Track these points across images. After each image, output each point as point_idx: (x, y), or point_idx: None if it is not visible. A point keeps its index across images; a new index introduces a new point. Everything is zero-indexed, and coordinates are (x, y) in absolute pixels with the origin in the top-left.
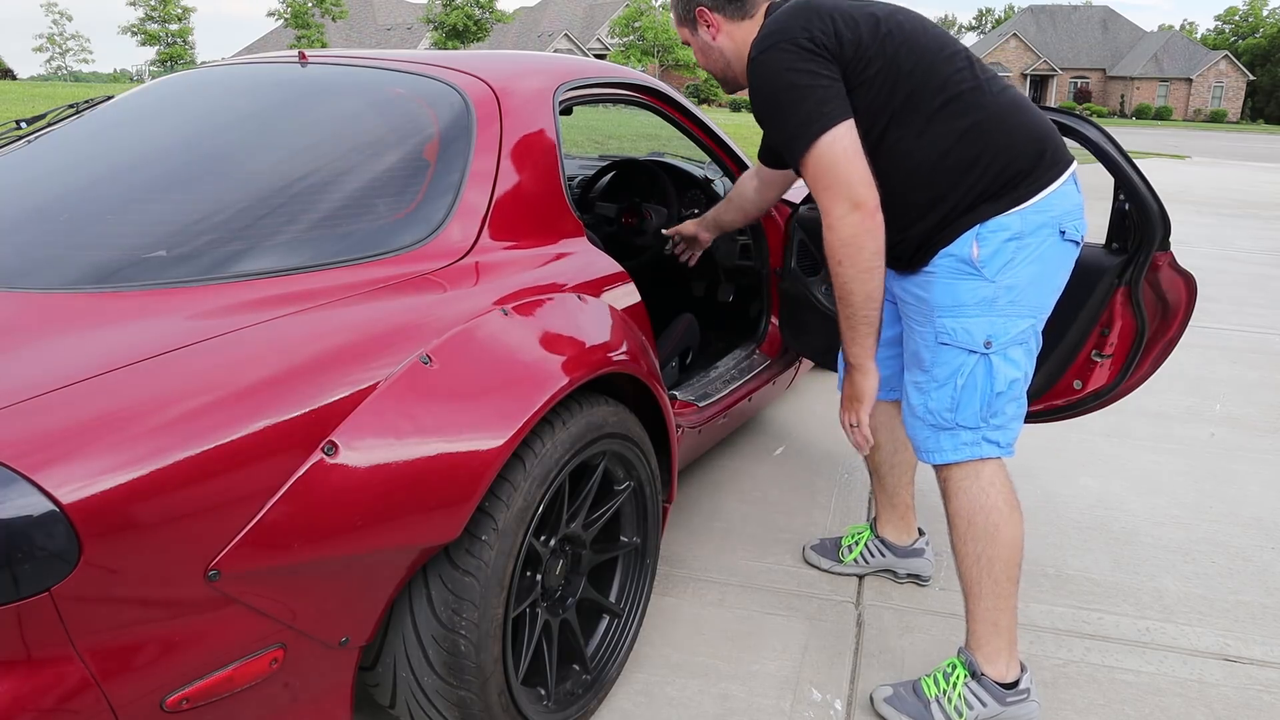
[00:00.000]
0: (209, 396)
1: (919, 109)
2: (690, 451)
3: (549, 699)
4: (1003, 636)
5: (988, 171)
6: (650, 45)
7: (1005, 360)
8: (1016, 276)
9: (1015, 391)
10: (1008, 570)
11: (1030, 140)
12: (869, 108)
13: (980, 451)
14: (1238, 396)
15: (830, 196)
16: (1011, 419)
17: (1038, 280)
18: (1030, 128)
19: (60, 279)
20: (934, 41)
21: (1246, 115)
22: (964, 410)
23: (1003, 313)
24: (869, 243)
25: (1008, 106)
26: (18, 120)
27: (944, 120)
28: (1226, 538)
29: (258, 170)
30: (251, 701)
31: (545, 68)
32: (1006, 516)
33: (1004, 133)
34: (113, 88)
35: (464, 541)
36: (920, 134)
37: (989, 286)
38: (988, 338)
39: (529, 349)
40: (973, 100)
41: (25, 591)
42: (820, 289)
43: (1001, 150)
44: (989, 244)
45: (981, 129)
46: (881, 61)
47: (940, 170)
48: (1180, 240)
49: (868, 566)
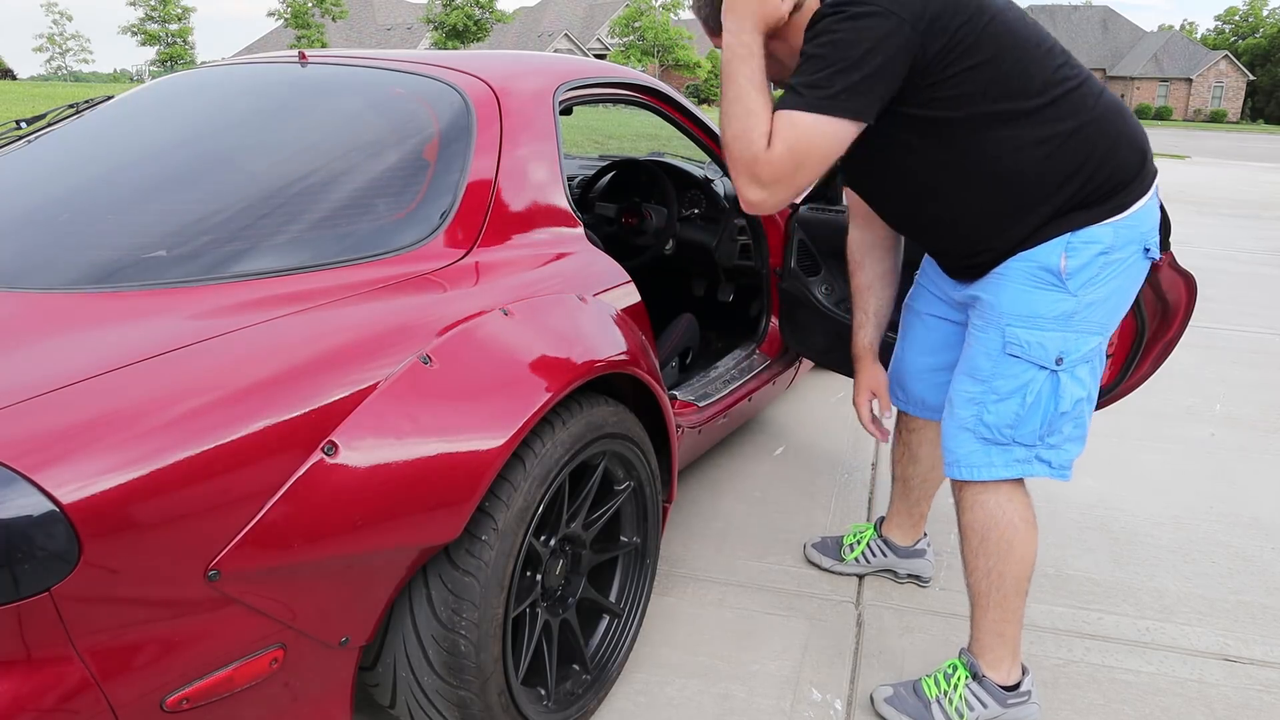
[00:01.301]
0: (209, 396)
1: (1019, 109)
2: (690, 451)
3: (549, 699)
4: (1007, 645)
5: (1091, 180)
6: (650, 45)
7: (1073, 379)
8: (1098, 293)
9: (1078, 411)
10: (1018, 585)
11: (1134, 148)
12: (960, 105)
13: (1030, 470)
14: (1238, 396)
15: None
16: (1068, 439)
17: (1115, 297)
18: (1133, 134)
19: (60, 279)
20: (1033, 35)
21: (1246, 115)
22: (1024, 427)
23: (1077, 329)
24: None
25: (1112, 110)
26: (18, 120)
27: (1046, 123)
28: (1226, 538)
29: (258, 170)
30: (251, 701)
31: (545, 68)
32: (1022, 534)
33: (1109, 138)
34: (113, 88)
35: (464, 541)
36: (1019, 136)
37: (1070, 300)
38: (1060, 354)
39: (529, 349)
40: (1078, 102)
41: (25, 591)
42: (820, 289)
43: (1106, 158)
44: (1078, 256)
45: (1085, 133)
46: (981, 56)
47: (1039, 176)
48: (1180, 240)
49: (869, 566)
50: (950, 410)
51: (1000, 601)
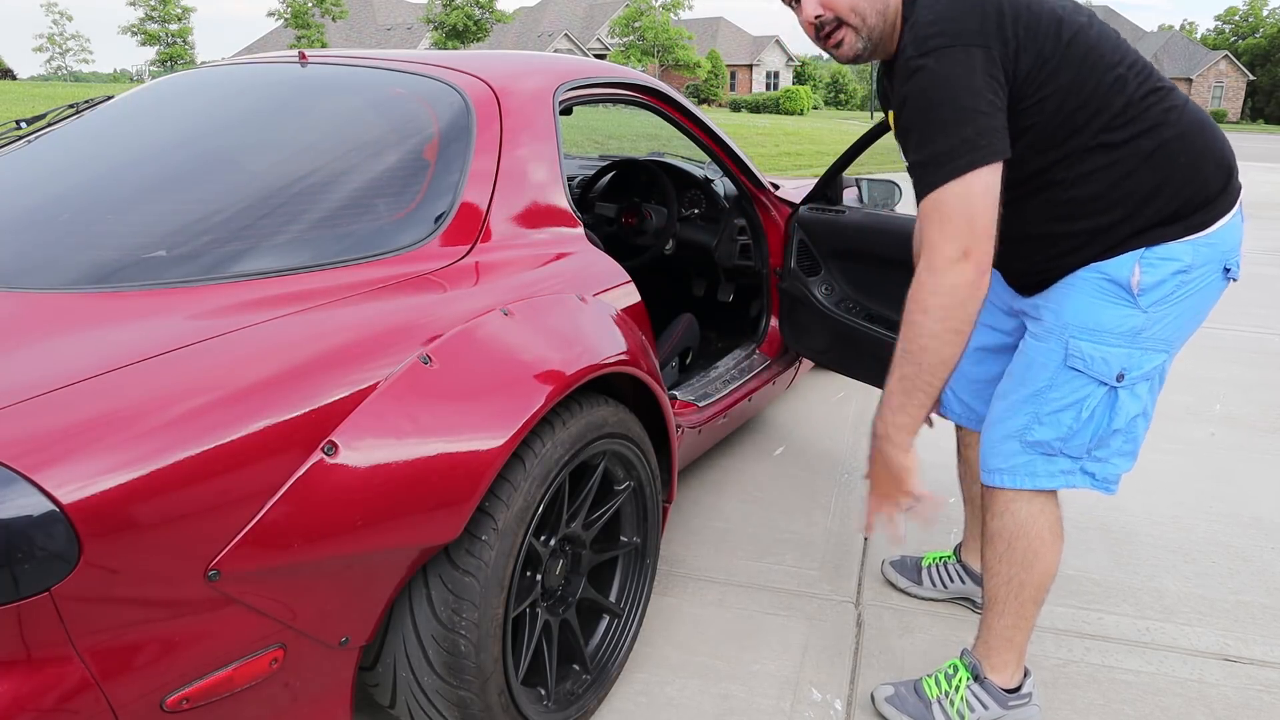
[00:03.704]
0: (209, 396)
1: (1101, 130)
2: (690, 451)
3: (549, 699)
4: (1015, 650)
5: (1173, 200)
6: (650, 45)
7: (1132, 395)
8: (1170, 311)
9: (1132, 428)
10: (1036, 595)
11: (1218, 165)
12: (1042, 128)
13: (1073, 481)
14: (1237, 396)
15: (947, 236)
16: (1115, 454)
17: (1187, 316)
18: (1217, 150)
19: (60, 279)
20: (1114, 50)
21: (1246, 115)
22: (1075, 440)
23: (1144, 346)
24: (970, 302)
25: (1195, 125)
26: (18, 120)
27: (1128, 143)
28: (1226, 538)
29: (258, 170)
30: (251, 701)
31: (545, 68)
32: (1049, 545)
33: (1192, 155)
34: (113, 88)
35: (464, 541)
36: (1099, 159)
37: (1139, 317)
38: (1122, 370)
39: (529, 349)
40: (1160, 118)
41: (25, 591)
42: (820, 289)
43: (1190, 177)
44: (1154, 272)
45: (1169, 152)
46: (1063, 78)
47: (1116, 197)
48: None
49: (945, 591)
50: (995, 418)
51: (1017, 609)
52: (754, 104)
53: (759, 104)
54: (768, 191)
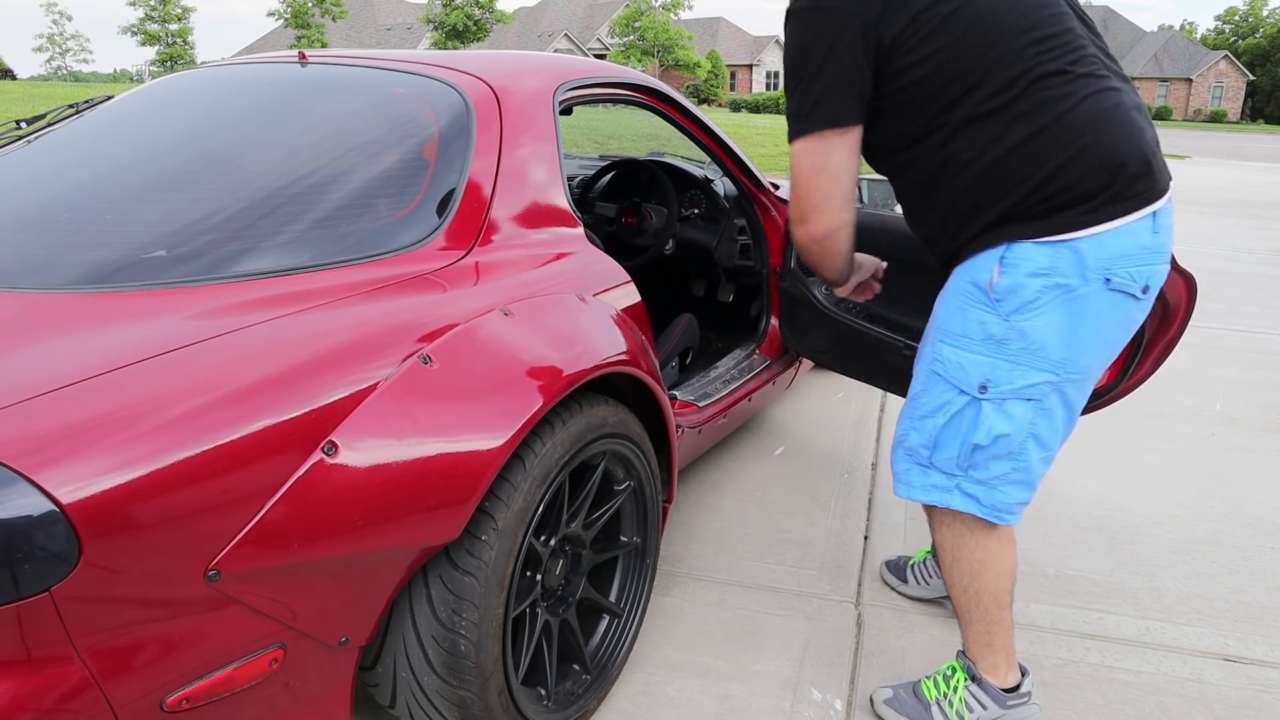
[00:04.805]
0: (209, 396)
1: (980, 104)
2: (690, 451)
3: (549, 699)
4: (998, 652)
5: (1038, 191)
6: (650, 45)
7: (999, 411)
8: (1035, 322)
9: (1001, 449)
10: (996, 599)
11: (1103, 165)
12: (915, 97)
13: (951, 502)
14: (1237, 396)
15: (794, 196)
16: (999, 479)
17: (1066, 332)
18: (1108, 148)
19: (60, 279)
20: (1020, 20)
21: (1246, 115)
22: (941, 452)
23: (1011, 358)
24: (813, 254)
25: (1089, 117)
26: (18, 120)
27: (1007, 121)
28: (1226, 538)
29: (258, 170)
30: (251, 701)
31: (545, 68)
32: (994, 554)
33: (1075, 147)
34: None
35: (464, 541)
36: (976, 134)
37: (1000, 325)
38: (984, 381)
39: (529, 349)
40: (1050, 99)
41: (25, 591)
42: (820, 289)
43: (1063, 168)
44: (1011, 274)
45: (1049, 138)
46: (939, 43)
47: (989, 178)
48: (1180, 240)
49: (929, 589)
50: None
51: (982, 616)
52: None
53: (759, 104)
54: (768, 191)
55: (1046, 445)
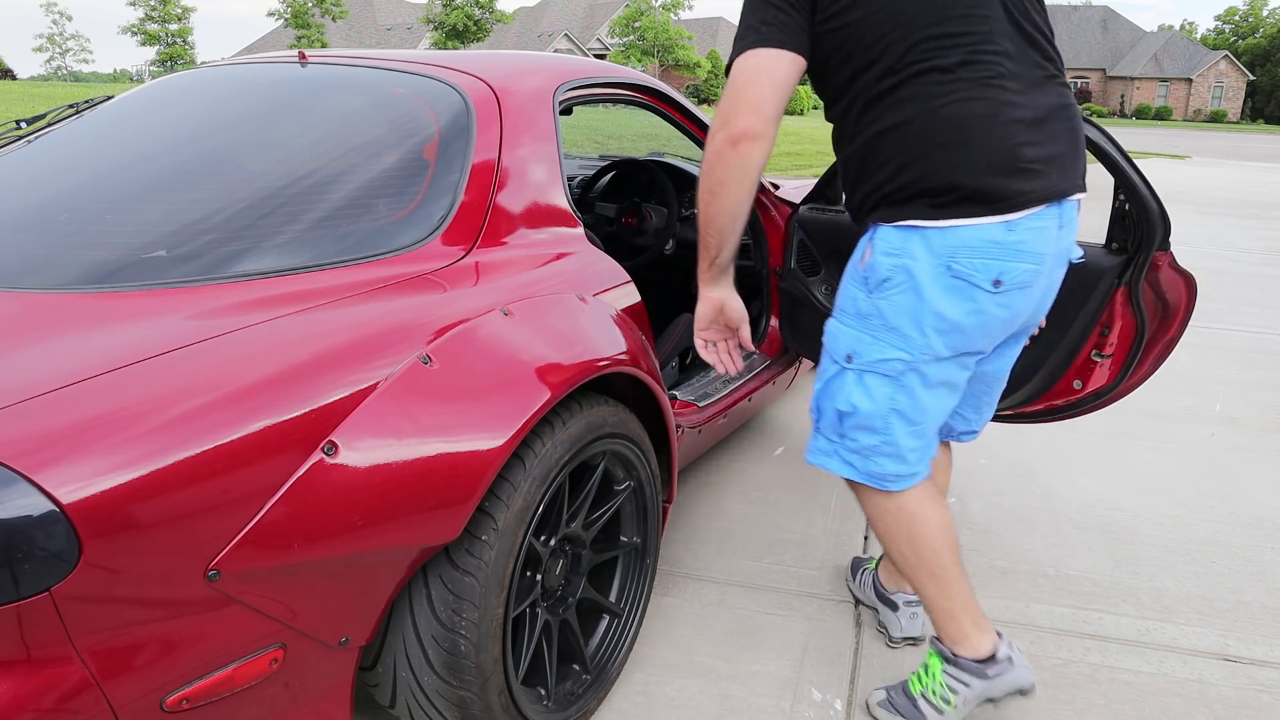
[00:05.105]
0: (209, 396)
1: (871, 85)
2: (690, 451)
3: (549, 699)
4: (959, 619)
5: (895, 179)
6: (650, 45)
7: (859, 383)
8: (889, 302)
9: (864, 421)
10: (939, 561)
11: (951, 169)
12: (831, 59)
13: (831, 465)
14: (1237, 396)
15: (720, 107)
16: (870, 450)
17: (912, 314)
18: (961, 156)
19: (60, 279)
20: (924, 12)
21: (1246, 115)
22: (823, 418)
23: (873, 333)
24: (719, 168)
25: (959, 120)
26: (18, 120)
27: (885, 108)
28: (1226, 538)
29: (258, 170)
30: (251, 701)
31: (545, 68)
32: (923, 519)
33: (929, 146)
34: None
35: (464, 541)
36: (863, 113)
37: (866, 300)
38: (850, 352)
39: (529, 349)
40: (923, 95)
41: (25, 591)
42: (820, 289)
43: (913, 163)
44: (874, 254)
45: (909, 132)
46: (854, 15)
47: (864, 158)
48: (1180, 240)
49: (862, 595)
50: None
51: (930, 580)
52: None
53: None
54: (768, 191)
55: (913, 421)
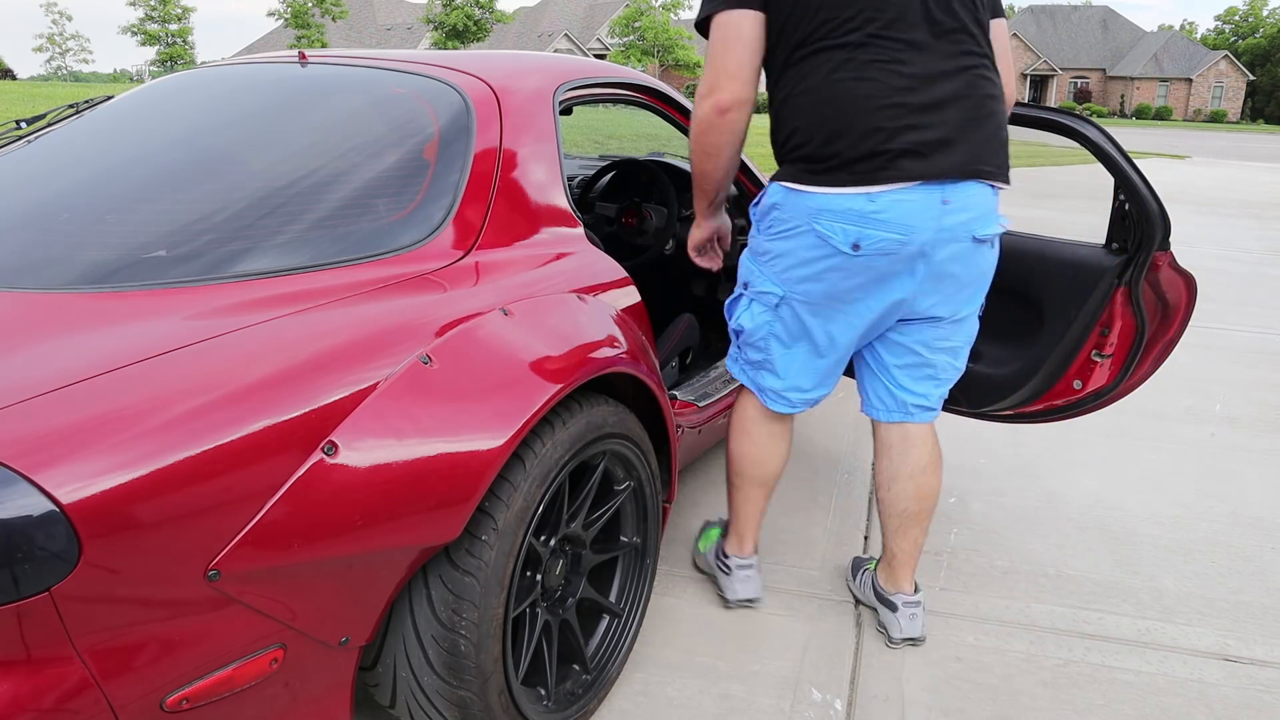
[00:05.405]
0: (209, 396)
1: (787, 51)
2: (690, 451)
3: (549, 699)
4: (736, 525)
5: (787, 142)
6: (650, 45)
7: (748, 308)
8: (772, 245)
9: (751, 339)
10: (733, 476)
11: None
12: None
13: (734, 371)
14: (1237, 396)
15: (705, 70)
16: (757, 365)
17: (784, 259)
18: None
19: (60, 279)
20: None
21: (1246, 115)
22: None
23: (761, 268)
24: (711, 133)
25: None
26: (18, 120)
27: (794, 75)
28: (1226, 538)
29: (257, 170)
30: (251, 701)
31: (545, 68)
32: (735, 438)
33: (814, 116)
34: (113, 88)
35: (464, 541)
36: (778, 76)
37: (758, 239)
38: (746, 280)
39: (529, 349)
40: (818, 67)
41: (25, 591)
42: None
43: (799, 130)
44: (765, 201)
45: (801, 101)
46: None
47: (775, 117)
48: (1180, 240)
49: (862, 595)
50: None
51: (729, 486)
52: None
53: (760, 104)
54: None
55: (786, 345)
